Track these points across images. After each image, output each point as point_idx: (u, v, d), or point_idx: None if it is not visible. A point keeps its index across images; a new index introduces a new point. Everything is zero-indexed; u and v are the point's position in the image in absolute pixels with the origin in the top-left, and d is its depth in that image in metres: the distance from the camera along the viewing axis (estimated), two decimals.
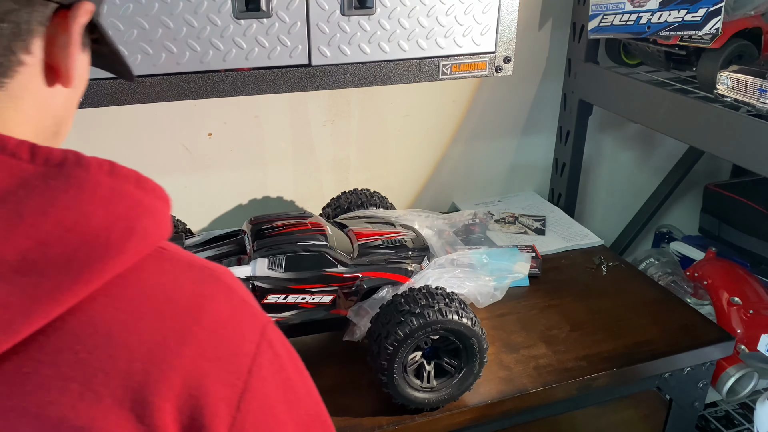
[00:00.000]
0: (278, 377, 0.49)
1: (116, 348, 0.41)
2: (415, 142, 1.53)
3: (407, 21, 1.08)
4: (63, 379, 0.40)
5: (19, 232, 0.39)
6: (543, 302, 1.22)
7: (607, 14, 1.30)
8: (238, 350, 0.46)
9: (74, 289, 0.40)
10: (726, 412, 1.48)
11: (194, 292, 0.46)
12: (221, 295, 0.47)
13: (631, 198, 1.79)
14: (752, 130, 1.05)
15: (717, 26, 1.08)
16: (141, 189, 0.44)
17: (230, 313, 0.47)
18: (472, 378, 0.95)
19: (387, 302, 0.95)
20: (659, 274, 1.45)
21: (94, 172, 0.42)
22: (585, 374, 1.04)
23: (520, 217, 1.52)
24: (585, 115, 1.53)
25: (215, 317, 0.46)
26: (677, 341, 1.12)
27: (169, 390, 0.42)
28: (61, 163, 0.42)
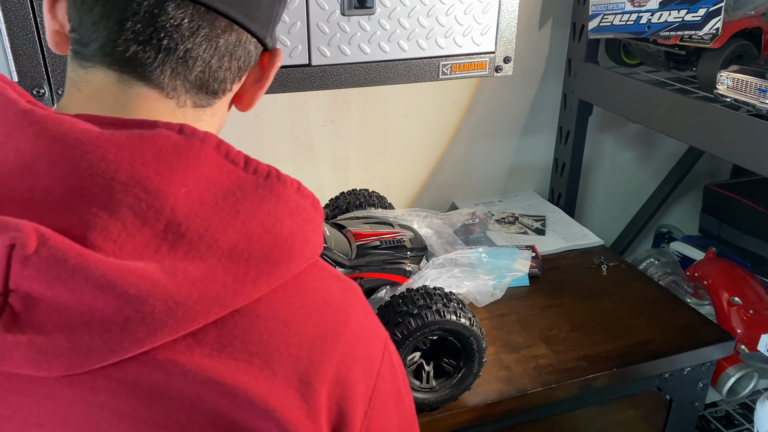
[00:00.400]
0: (393, 384, 0.57)
1: (290, 335, 0.49)
2: (415, 142, 1.53)
3: (407, 21, 1.08)
4: (250, 353, 0.47)
5: (234, 225, 0.47)
6: (543, 302, 1.22)
7: (607, 14, 1.30)
8: (372, 355, 0.54)
9: (269, 280, 0.48)
10: (726, 412, 1.48)
11: (342, 300, 0.54)
12: (360, 306, 0.55)
13: (631, 198, 1.79)
14: (752, 130, 1.05)
15: (717, 26, 1.08)
16: (315, 209, 0.52)
17: (366, 323, 0.55)
18: (472, 378, 0.95)
19: (385, 303, 0.94)
20: (659, 274, 1.45)
21: (288, 188, 0.50)
22: (585, 374, 1.03)
23: (520, 217, 1.52)
24: (585, 115, 1.53)
25: (357, 324, 0.53)
26: (677, 341, 1.12)
27: (325, 377, 0.49)
28: (267, 176, 0.49)
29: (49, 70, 0.92)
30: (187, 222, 0.45)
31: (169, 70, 0.51)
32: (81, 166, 0.44)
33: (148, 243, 0.44)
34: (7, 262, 0.41)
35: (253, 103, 0.59)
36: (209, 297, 0.45)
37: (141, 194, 0.44)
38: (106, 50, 0.50)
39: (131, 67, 0.50)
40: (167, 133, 0.47)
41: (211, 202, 0.47)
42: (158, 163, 0.46)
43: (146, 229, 0.44)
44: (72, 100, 0.52)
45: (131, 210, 0.44)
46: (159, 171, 0.45)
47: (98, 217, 0.44)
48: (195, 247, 0.45)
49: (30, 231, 0.41)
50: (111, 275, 0.42)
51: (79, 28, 0.51)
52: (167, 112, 0.52)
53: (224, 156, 0.48)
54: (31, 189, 0.44)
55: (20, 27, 0.89)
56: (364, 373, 0.52)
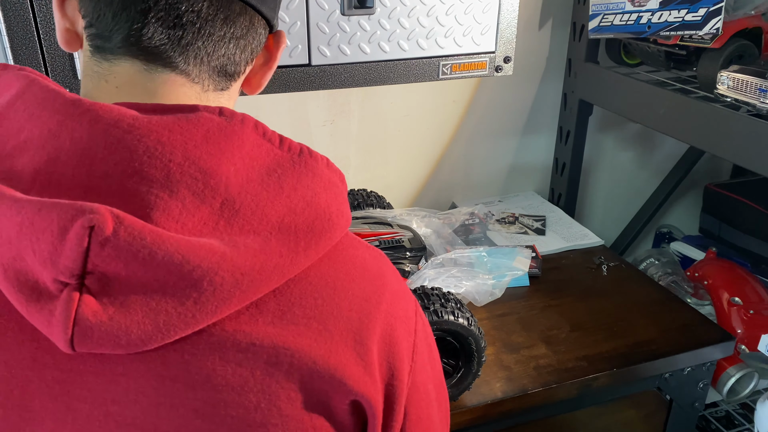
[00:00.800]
0: (426, 341, 0.61)
1: (340, 299, 0.52)
2: (415, 142, 1.53)
3: (407, 21, 1.08)
4: (308, 318, 0.50)
5: (280, 199, 0.49)
6: (543, 302, 1.22)
7: (608, 14, 1.30)
8: (408, 314, 0.58)
9: (317, 249, 0.51)
10: (726, 412, 1.47)
11: (377, 266, 0.58)
12: (391, 271, 0.59)
13: (631, 198, 1.79)
14: (753, 130, 1.05)
15: (717, 26, 1.08)
16: (342, 183, 0.56)
17: (400, 286, 0.59)
18: (471, 377, 0.95)
19: None
20: (659, 274, 1.45)
21: (320, 163, 0.53)
22: (585, 374, 1.03)
23: (520, 217, 1.52)
24: (585, 114, 1.53)
25: (393, 286, 0.57)
26: (677, 341, 1.12)
27: (374, 335, 0.53)
28: (300, 152, 0.52)
29: (49, 70, 0.92)
30: (240, 198, 0.48)
31: (192, 55, 0.53)
32: (138, 150, 0.46)
33: (206, 220, 0.47)
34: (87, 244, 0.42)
35: (262, 85, 0.61)
36: (269, 266, 0.47)
37: (197, 174, 0.47)
38: (131, 41, 0.51)
39: (157, 55, 0.52)
40: (209, 115, 0.49)
41: (257, 179, 0.49)
42: (207, 144, 0.48)
43: (204, 207, 0.47)
44: (101, 92, 0.53)
45: (189, 189, 0.46)
46: (209, 152, 0.47)
47: (159, 197, 0.45)
48: (249, 221, 0.48)
49: (106, 213, 0.42)
50: (184, 251, 0.44)
51: (98, 22, 0.52)
52: (194, 97, 0.54)
53: (262, 135, 0.51)
54: (91, 175, 0.46)
55: (20, 27, 0.89)
56: (405, 331, 0.56)
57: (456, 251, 1.10)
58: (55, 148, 0.46)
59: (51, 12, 0.91)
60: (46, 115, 0.47)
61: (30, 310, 0.44)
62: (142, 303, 0.44)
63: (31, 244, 0.43)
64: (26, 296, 0.43)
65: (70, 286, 0.43)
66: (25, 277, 0.44)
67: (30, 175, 0.46)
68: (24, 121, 0.48)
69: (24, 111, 0.48)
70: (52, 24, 0.91)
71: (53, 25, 0.91)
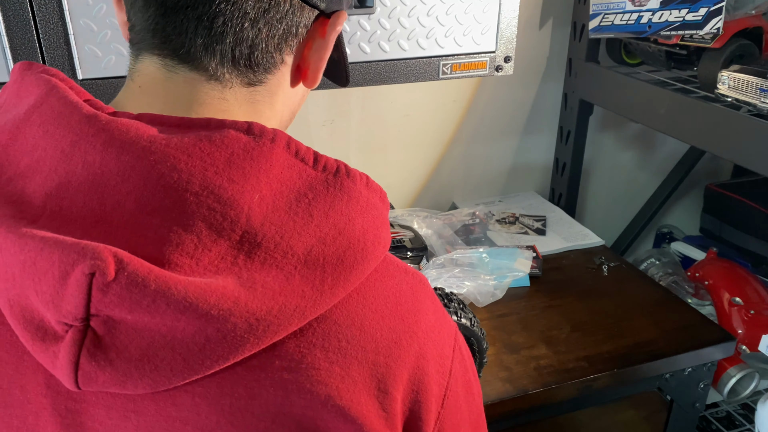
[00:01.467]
0: (464, 378, 0.55)
1: (367, 341, 0.47)
2: (415, 142, 1.52)
3: (407, 20, 1.08)
4: (329, 362, 0.45)
5: (309, 229, 0.45)
6: (543, 302, 1.22)
7: (608, 14, 1.29)
8: (444, 353, 0.52)
9: (346, 286, 0.46)
10: (727, 412, 1.47)
11: (412, 298, 0.52)
12: (429, 302, 0.53)
13: (631, 198, 1.78)
14: (753, 130, 1.05)
15: (718, 26, 1.08)
16: (383, 202, 0.51)
17: (436, 318, 0.53)
18: None
19: None
20: (660, 275, 1.45)
21: (358, 184, 0.48)
22: (586, 375, 1.03)
23: (521, 217, 1.52)
24: (586, 114, 1.53)
25: (428, 321, 0.52)
26: (678, 342, 1.12)
27: (400, 383, 0.48)
28: (336, 172, 0.47)
29: None
30: (263, 230, 0.44)
31: (202, 45, 0.48)
32: (151, 178, 0.43)
33: (224, 255, 0.43)
34: (88, 289, 0.40)
35: (318, 75, 0.55)
36: (289, 309, 0.43)
37: (215, 205, 0.43)
38: (145, 33, 0.48)
39: (169, 49, 0.48)
40: (236, 134, 0.45)
41: (284, 206, 0.45)
42: (230, 169, 0.43)
43: (222, 241, 0.43)
44: (127, 93, 0.51)
45: (206, 222, 0.42)
46: (231, 178, 0.43)
47: (173, 231, 0.42)
48: (271, 255, 0.44)
49: (108, 257, 0.40)
50: (192, 297, 0.41)
51: (129, 14, 0.50)
52: (216, 96, 0.49)
53: (294, 155, 0.46)
54: (102, 204, 0.43)
55: (19, 27, 0.89)
56: (438, 374, 0.51)
57: (457, 252, 1.09)
58: (66, 172, 0.43)
59: (50, 12, 0.90)
60: (60, 133, 0.45)
61: (35, 349, 0.42)
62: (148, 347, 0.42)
63: (34, 285, 0.41)
64: (31, 334, 0.42)
65: (74, 327, 0.41)
66: (30, 315, 0.42)
67: (41, 200, 0.43)
68: (39, 138, 0.45)
69: (40, 126, 0.45)
70: (52, 24, 0.91)
71: (53, 25, 0.91)
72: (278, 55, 0.50)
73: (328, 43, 0.54)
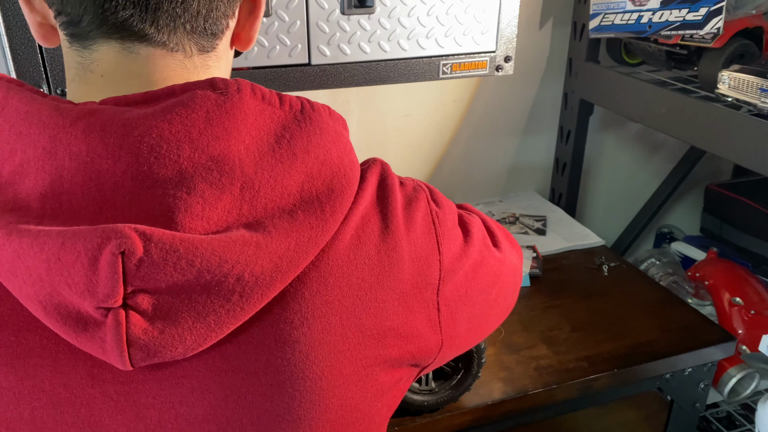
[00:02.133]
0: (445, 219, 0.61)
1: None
2: (415, 142, 1.52)
3: (407, 20, 1.08)
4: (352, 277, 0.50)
5: (296, 167, 0.47)
6: (544, 303, 1.22)
7: (608, 13, 1.29)
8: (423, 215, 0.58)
9: (342, 209, 0.49)
10: (727, 413, 1.47)
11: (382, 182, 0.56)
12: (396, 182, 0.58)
13: (632, 198, 1.78)
14: (753, 130, 1.05)
15: (718, 25, 1.08)
16: (346, 130, 0.53)
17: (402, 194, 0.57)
18: (471, 379, 0.95)
19: None
20: (660, 275, 1.45)
21: (324, 116, 0.50)
22: (586, 375, 1.03)
23: (521, 217, 1.52)
24: (586, 114, 1.52)
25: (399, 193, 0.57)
26: (678, 342, 1.11)
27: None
28: (302, 109, 0.50)
29: (48, 69, 0.92)
30: (258, 177, 0.46)
31: (164, 21, 0.49)
32: (143, 152, 0.43)
33: (230, 209, 0.45)
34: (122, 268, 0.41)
35: (252, 38, 0.57)
36: (304, 241, 0.46)
37: (209, 163, 0.44)
38: (101, 19, 0.48)
39: (128, 31, 0.48)
40: (203, 93, 0.46)
41: (268, 150, 0.47)
42: (212, 127, 0.45)
43: (225, 196, 0.45)
44: (88, 86, 0.50)
45: (206, 182, 0.44)
46: (215, 135, 0.45)
47: (178, 198, 0.43)
48: (271, 199, 0.46)
49: (131, 233, 0.41)
50: (220, 251, 0.43)
51: (65, 8, 0.49)
52: (179, 66, 0.51)
53: (261, 99, 0.48)
54: (101, 189, 0.43)
55: (19, 27, 0.89)
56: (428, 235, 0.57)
57: None
58: (55, 167, 0.44)
59: None
60: (35, 131, 0.44)
61: (81, 340, 0.43)
62: (189, 309, 0.43)
63: (64, 279, 0.41)
64: (73, 328, 0.43)
65: (114, 309, 0.42)
66: (66, 310, 0.43)
67: (38, 202, 0.44)
68: (13, 142, 0.45)
69: (10, 129, 0.45)
70: None
71: None
72: (225, 20, 0.52)
73: (260, 4, 0.55)
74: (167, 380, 0.46)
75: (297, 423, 0.49)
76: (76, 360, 0.46)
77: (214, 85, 0.47)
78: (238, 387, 0.47)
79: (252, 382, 0.47)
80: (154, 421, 0.47)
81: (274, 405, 0.48)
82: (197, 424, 0.47)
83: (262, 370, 0.47)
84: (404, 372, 0.56)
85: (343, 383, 0.50)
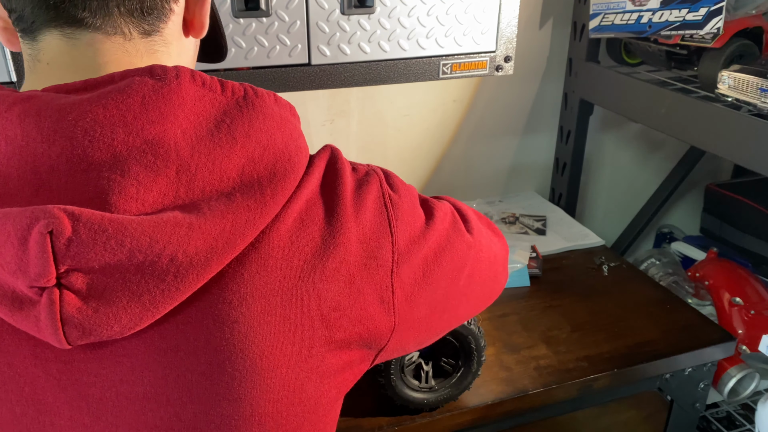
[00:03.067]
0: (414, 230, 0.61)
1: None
2: (415, 142, 1.52)
3: (407, 20, 1.08)
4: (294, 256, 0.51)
5: (235, 151, 0.48)
6: (544, 303, 1.22)
7: (608, 13, 1.29)
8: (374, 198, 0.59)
9: (284, 194, 0.50)
10: (727, 412, 1.47)
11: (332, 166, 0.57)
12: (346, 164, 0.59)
13: (632, 198, 1.78)
14: (753, 130, 1.05)
15: (718, 26, 1.08)
16: (294, 116, 0.54)
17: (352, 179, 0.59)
18: (471, 377, 0.95)
19: None
20: (660, 275, 1.45)
21: (268, 102, 0.51)
22: (586, 375, 1.03)
23: (521, 217, 1.52)
24: (586, 114, 1.53)
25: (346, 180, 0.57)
26: (678, 342, 1.11)
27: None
28: (245, 95, 0.50)
29: None
30: (195, 160, 0.46)
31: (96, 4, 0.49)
32: (77, 136, 0.44)
33: (165, 191, 0.46)
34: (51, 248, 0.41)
35: (204, 24, 0.57)
36: (241, 223, 0.47)
37: (144, 146, 0.45)
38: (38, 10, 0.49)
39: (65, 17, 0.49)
40: (141, 79, 0.47)
41: (207, 135, 0.47)
42: (147, 111, 0.46)
43: (160, 179, 0.45)
44: (37, 75, 0.51)
45: (140, 164, 0.45)
46: (151, 119, 0.46)
47: (112, 180, 0.44)
48: (209, 182, 0.47)
49: (59, 213, 0.42)
50: (150, 231, 0.43)
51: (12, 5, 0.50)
52: (119, 50, 0.51)
53: (201, 85, 0.49)
54: (36, 172, 0.44)
55: None
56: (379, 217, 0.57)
57: None
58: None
59: None
60: None
61: (16, 319, 0.44)
62: (123, 288, 0.44)
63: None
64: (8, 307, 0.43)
65: (48, 289, 0.43)
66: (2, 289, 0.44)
67: None
68: None
69: None
70: None
71: None
72: (166, 3, 0.52)
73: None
74: (108, 359, 0.47)
75: (238, 402, 0.49)
76: (20, 340, 0.46)
77: (153, 72, 0.48)
78: (177, 366, 0.47)
79: (191, 361, 0.47)
80: (96, 399, 0.48)
81: (214, 384, 0.48)
82: (138, 401, 0.48)
83: (201, 350, 0.47)
84: (355, 354, 0.56)
85: (286, 363, 0.50)
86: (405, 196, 0.60)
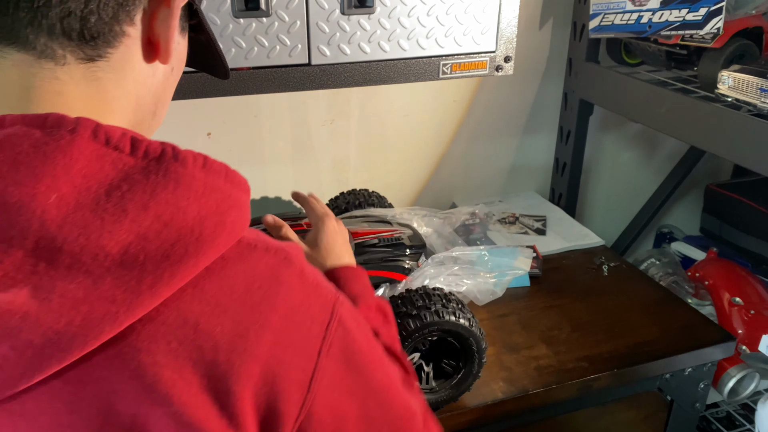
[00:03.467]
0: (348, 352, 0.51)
1: (203, 340, 0.44)
2: (415, 142, 1.52)
3: (407, 20, 1.08)
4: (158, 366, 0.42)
5: (123, 226, 0.41)
6: (544, 303, 1.22)
7: (608, 13, 1.29)
8: (311, 332, 0.49)
9: (171, 283, 0.42)
10: (727, 412, 1.47)
11: (270, 279, 0.47)
12: (294, 279, 0.49)
13: (632, 198, 1.78)
14: (753, 130, 1.05)
15: (718, 26, 1.08)
16: (230, 182, 0.46)
17: (302, 298, 0.49)
18: (472, 378, 0.95)
19: None
20: (660, 275, 1.45)
21: (189, 167, 0.44)
22: (586, 375, 1.03)
23: (521, 217, 1.52)
24: (586, 114, 1.53)
25: (289, 303, 0.48)
26: (678, 342, 1.12)
27: (248, 378, 0.45)
28: (160, 158, 0.43)
29: None
30: (63, 233, 0.40)
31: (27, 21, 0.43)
32: None
33: (20, 265, 0.40)
34: None
35: (170, 48, 0.50)
36: (96, 317, 0.40)
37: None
38: None
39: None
40: (26, 131, 0.41)
41: (90, 204, 0.41)
42: (16, 172, 0.40)
43: (14, 251, 0.40)
44: None
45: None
46: (19, 181, 0.40)
47: None
48: (78, 260, 0.40)
49: None
50: None
51: None
52: (48, 76, 0.45)
53: (104, 143, 0.42)
54: None
55: None
56: (300, 359, 0.48)
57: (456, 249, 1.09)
58: None
59: None
60: None
61: None
62: None
63: None
64: None
65: None
66: None
67: None
68: None
69: None
70: None
71: None
72: (117, 26, 0.46)
73: (174, 11, 0.48)
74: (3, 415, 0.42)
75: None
76: None
77: (46, 123, 0.42)
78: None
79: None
80: None
81: None
82: None
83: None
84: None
85: None
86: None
